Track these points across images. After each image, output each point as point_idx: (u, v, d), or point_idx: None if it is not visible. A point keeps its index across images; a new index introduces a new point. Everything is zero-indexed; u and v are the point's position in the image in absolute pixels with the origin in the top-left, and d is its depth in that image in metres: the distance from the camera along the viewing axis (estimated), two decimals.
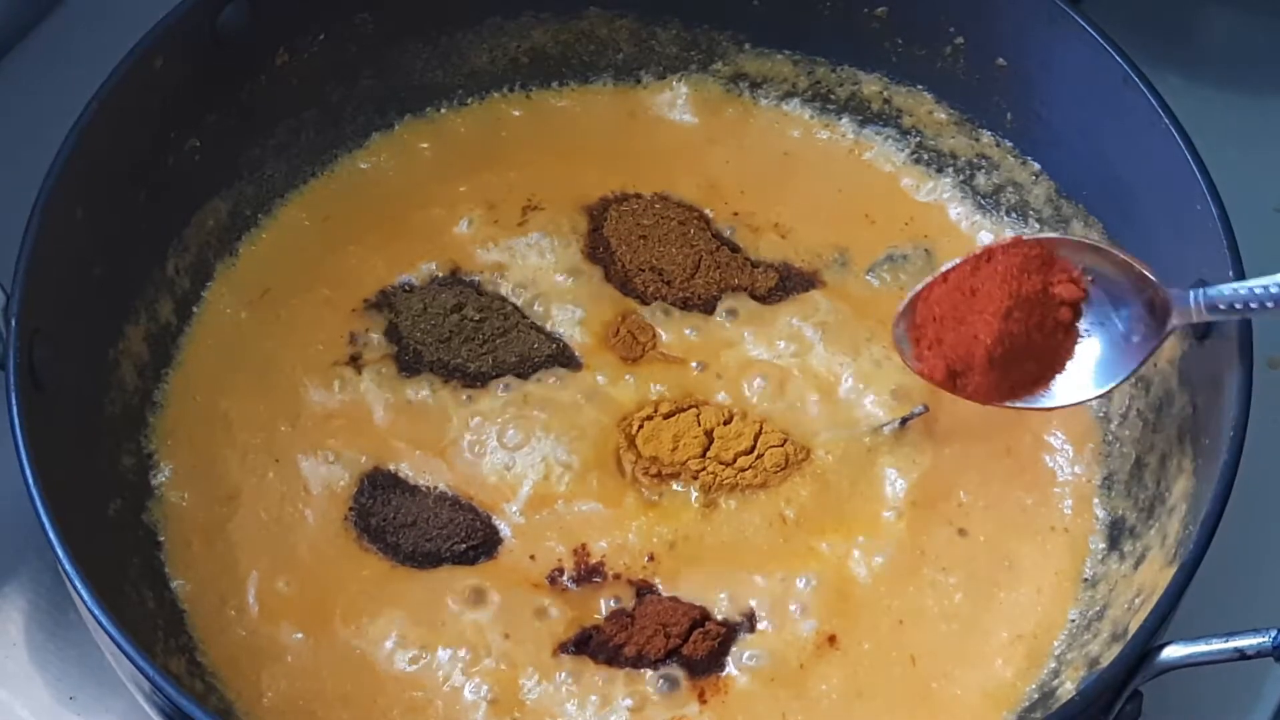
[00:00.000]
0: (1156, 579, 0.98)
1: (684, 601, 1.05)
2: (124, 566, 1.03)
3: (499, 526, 1.08)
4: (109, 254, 1.07)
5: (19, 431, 0.95)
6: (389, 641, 1.04)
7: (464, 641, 1.04)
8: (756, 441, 1.10)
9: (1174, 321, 0.99)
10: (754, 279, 1.17)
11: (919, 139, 1.22)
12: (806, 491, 1.09)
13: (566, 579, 1.06)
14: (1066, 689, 1.00)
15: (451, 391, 1.12)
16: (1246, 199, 1.07)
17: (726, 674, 1.04)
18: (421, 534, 1.07)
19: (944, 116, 1.21)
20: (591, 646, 1.04)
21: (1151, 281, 1.00)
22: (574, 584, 1.06)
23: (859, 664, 1.04)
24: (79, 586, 0.91)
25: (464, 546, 1.07)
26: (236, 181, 1.17)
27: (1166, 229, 1.06)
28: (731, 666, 1.04)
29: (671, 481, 1.09)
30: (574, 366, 1.14)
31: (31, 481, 0.93)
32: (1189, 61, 1.34)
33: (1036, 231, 1.18)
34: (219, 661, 1.03)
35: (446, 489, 1.09)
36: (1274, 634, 0.89)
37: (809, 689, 1.03)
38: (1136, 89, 1.07)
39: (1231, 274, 0.99)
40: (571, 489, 1.09)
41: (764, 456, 1.10)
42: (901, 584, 1.06)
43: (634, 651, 1.03)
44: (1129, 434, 1.10)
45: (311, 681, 1.03)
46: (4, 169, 1.16)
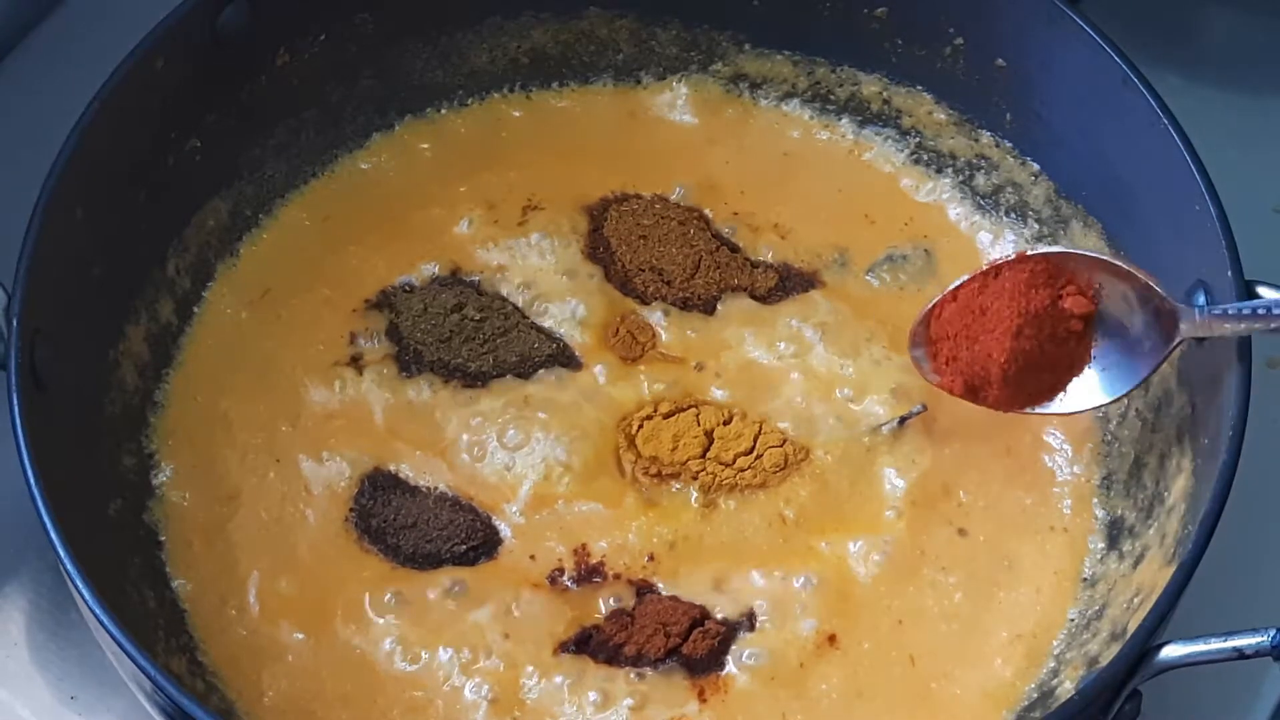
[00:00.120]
0: (1155, 578, 0.98)
1: (684, 601, 1.05)
2: (125, 566, 1.03)
3: (499, 527, 1.08)
4: (110, 254, 1.07)
5: (20, 431, 0.95)
6: (389, 642, 1.04)
7: (464, 641, 1.04)
8: (756, 442, 1.10)
9: (1182, 332, 1.00)
10: (754, 279, 1.17)
11: (919, 139, 1.22)
12: (806, 491, 1.09)
13: (566, 579, 1.06)
14: (1066, 688, 1.00)
15: (451, 391, 1.12)
16: (1246, 199, 1.07)
17: (726, 673, 1.04)
18: (422, 535, 1.07)
19: (944, 117, 1.21)
20: (591, 646, 1.04)
21: (1158, 293, 1.00)
22: (574, 584, 1.06)
23: (859, 663, 1.04)
24: (80, 586, 0.91)
25: (464, 547, 1.07)
26: (237, 181, 1.17)
27: (1166, 229, 1.07)
28: (731, 666, 1.04)
29: (671, 481, 1.09)
30: (574, 366, 1.14)
31: (32, 481, 0.93)
32: (1189, 61, 1.34)
33: (1036, 231, 1.18)
34: (220, 661, 1.03)
35: (447, 489, 1.09)
36: (1273, 633, 0.89)
37: (809, 688, 1.03)
38: (1136, 89, 1.07)
39: (1231, 274, 0.99)
40: (571, 489, 1.09)
41: (763, 457, 1.10)
42: (901, 584, 1.06)
43: (634, 651, 1.03)
44: (1128, 434, 1.10)
45: (312, 681, 1.03)
46: (4, 169, 1.16)
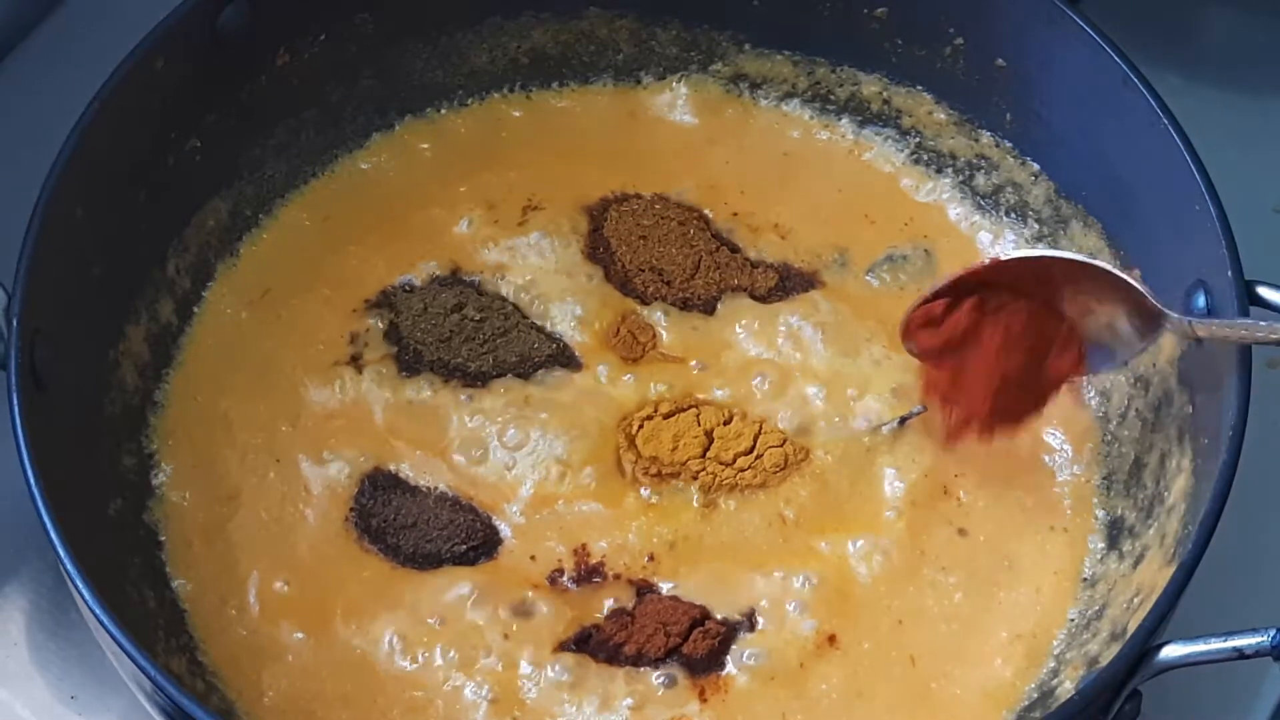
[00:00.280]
0: (1155, 578, 0.98)
1: (684, 601, 1.05)
2: (125, 566, 1.03)
3: (499, 527, 1.08)
4: (110, 254, 1.07)
5: (20, 431, 0.95)
6: (389, 641, 1.04)
7: (464, 641, 1.04)
8: (756, 441, 1.10)
9: (1166, 329, 1.00)
10: (754, 279, 1.17)
11: (919, 139, 1.22)
12: (806, 491, 1.09)
13: (567, 579, 1.06)
14: (1066, 688, 1.00)
15: (451, 391, 1.12)
16: (1246, 199, 1.07)
17: (726, 673, 1.04)
18: (422, 535, 1.07)
19: (944, 117, 1.21)
20: (591, 645, 1.04)
21: (1144, 296, 1.00)
22: (574, 584, 1.06)
23: (859, 663, 1.04)
24: (80, 586, 0.91)
25: (464, 547, 1.07)
26: (237, 181, 1.17)
27: (1166, 229, 1.07)
28: (731, 665, 1.04)
29: (671, 481, 1.09)
30: (574, 366, 1.14)
31: (32, 481, 0.93)
32: (1189, 61, 1.34)
33: (1036, 231, 1.18)
34: (220, 661, 1.03)
35: (447, 489, 1.09)
36: (1273, 633, 0.89)
37: (809, 688, 1.03)
38: (1136, 89, 1.07)
39: (1231, 274, 0.99)
40: (572, 489, 1.09)
41: (763, 456, 1.10)
42: (901, 584, 1.06)
43: (634, 650, 1.03)
44: (1128, 434, 1.10)
45: (312, 681, 1.03)
46: (4, 169, 1.16)
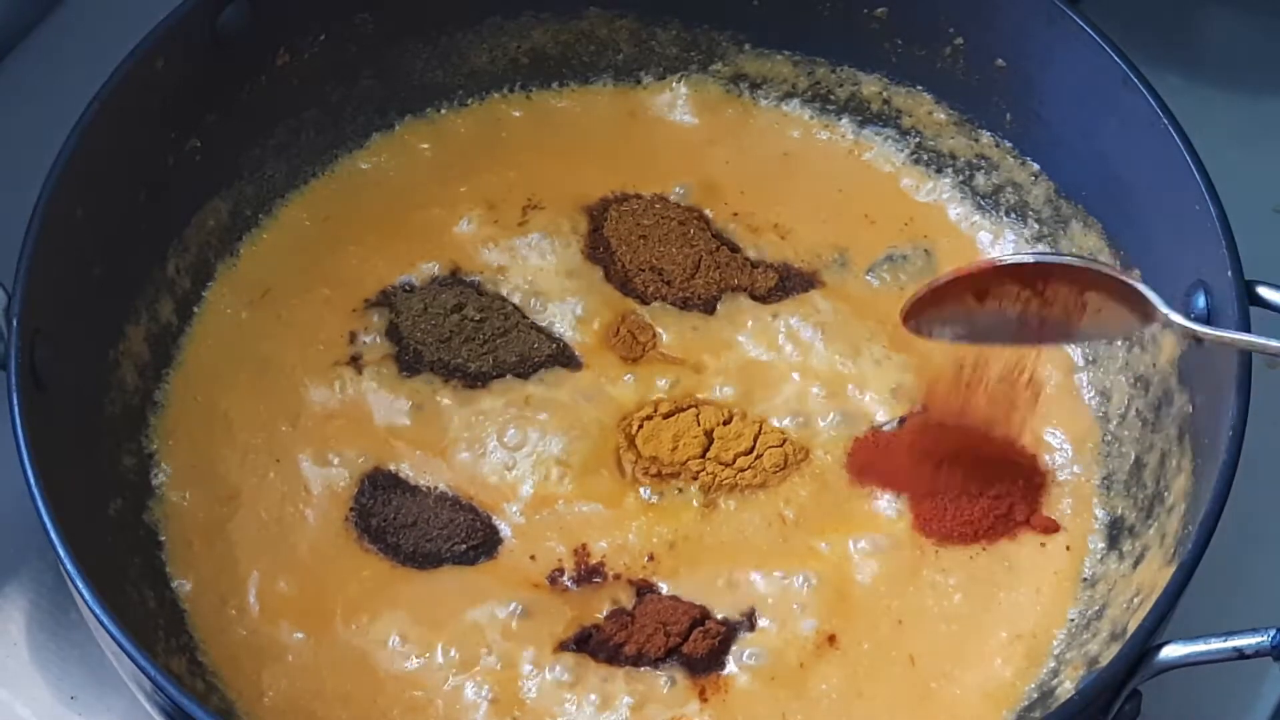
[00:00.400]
0: (1155, 578, 0.98)
1: (684, 601, 1.05)
2: (125, 566, 1.03)
3: (499, 527, 1.08)
4: (110, 254, 1.07)
5: (20, 431, 0.95)
6: (389, 641, 1.04)
7: (464, 641, 1.04)
8: (756, 442, 1.10)
9: (1157, 325, 1.00)
10: (754, 279, 1.17)
11: (919, 139, 1.22)
12: (806, 491, 1.09)
13: (567, 579, 1.06)
14: (1066, 688, 1.00)
15: (452, 391, 1.12)
16: (1246, 199, 1.07)
17: (727, 673, 1.04)
18: (422, 535, 1.07)
19: (943, 117, 1.21)
20: (591, 645, 1.04)
21: (1144, 296, 1.00)
22: (574, 584, 1.06)
23: (859, 664, 1.04)
24: (80, 586, 0.91)
25: (464, 547, 1.07)
26: (237, 181, 1.17)
27: (1166, 229, 1.07)
28: (732, 665, 1.04)
29: (671, 481, 1.09)
30: (574, 366, 1.14)
31: (32, 481, 0.93)
32: (1189, 61, 1.34)
33: (1036, 231, 1.18)
34: (220, 661, 1.03)
35: (447, 489, 1.09)
36: (1273, 633, 0.89)
37: (809, 688, 1.03)
38: (1136, 89, 1.07)
39: (1231, 274, 0.99)
40: (572, 489, 1.09)
41: (763, 457, 1.10)
42: (901, 584, 1.06)
43: (634, 650, 1.03)
44: (1128, 434, 1.10)
45: (312, 681, 1.03)
46: (4, 169, 1.16)
